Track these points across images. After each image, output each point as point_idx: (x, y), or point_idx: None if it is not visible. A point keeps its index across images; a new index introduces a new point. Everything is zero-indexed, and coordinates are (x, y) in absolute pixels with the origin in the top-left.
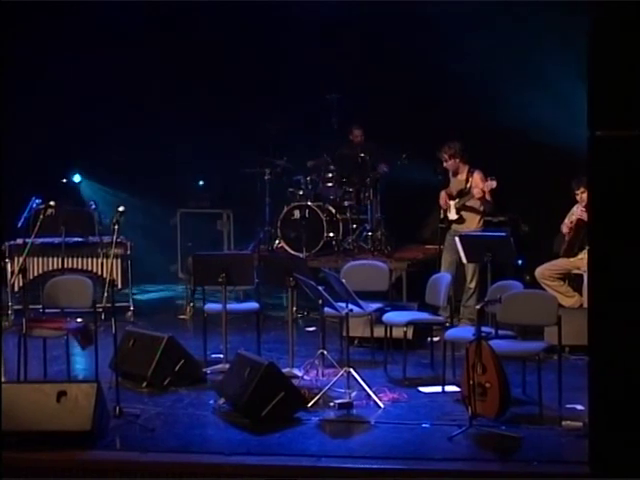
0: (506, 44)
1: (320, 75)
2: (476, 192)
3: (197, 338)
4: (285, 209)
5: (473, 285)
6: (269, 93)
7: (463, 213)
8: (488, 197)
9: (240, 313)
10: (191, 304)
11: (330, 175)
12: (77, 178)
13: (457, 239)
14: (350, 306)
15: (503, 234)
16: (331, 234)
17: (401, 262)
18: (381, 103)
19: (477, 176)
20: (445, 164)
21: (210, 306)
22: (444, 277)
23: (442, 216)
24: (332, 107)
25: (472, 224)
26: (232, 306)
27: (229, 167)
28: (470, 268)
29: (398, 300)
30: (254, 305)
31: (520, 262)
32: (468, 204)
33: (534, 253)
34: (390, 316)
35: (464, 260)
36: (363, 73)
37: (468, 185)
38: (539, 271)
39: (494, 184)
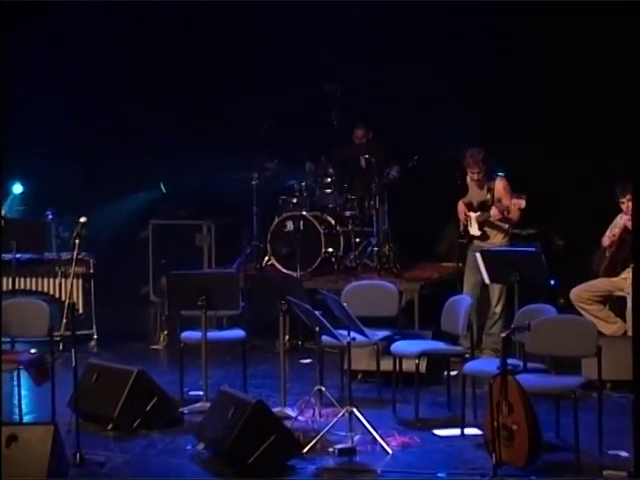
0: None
1: (317, 62)
2: (494, 213)
3: (172, 372)
4: (276, 220)
5: (499, 310)
6: (257, 84)
7: (487, 229)
8: (514, 214)
9: (223, 342)
10: (165, 332)
11: (329, 180)
12: (18, 189)
13: (478, 255)
14: (352, 334)
15: (533, 249)
16: (330, 249)
17: (413, 283)
18: (389, 95)
19: (500, 184)
20: (477, 176)
21: (188, 334)
22: (463, 300)
23: (462, 230)
24: (332, 100)
25: (497, 239)
26: (214, 334)
27: (210, 170)
28: (496, 290)
29: (409, 327)
30: (239, 333)
31: (553, 282)
32: (491, 220)
33: (569, 272)
34: (400, 346)
35: (486, 280)
36: (368, 60)
37: (489, 195)
38: (575, 293)
39: (523, 203)
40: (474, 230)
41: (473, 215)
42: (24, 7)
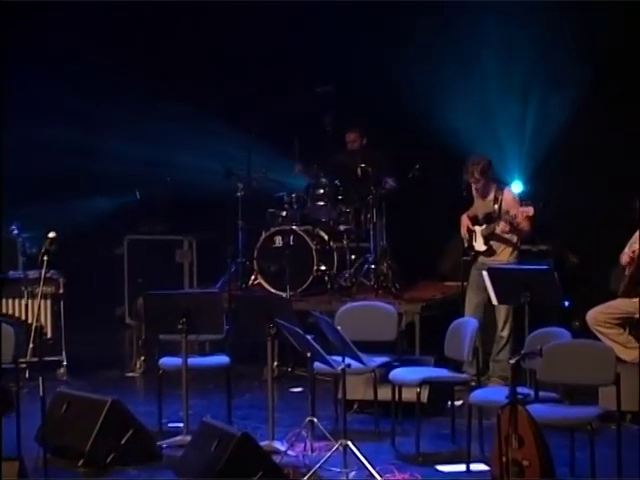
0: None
1: (310, 62)
2: (502, 226)
3: (150, 402)
4: (263, 235)
5: (506, 334)
6: (242, 85)
7: (493, 243)
8: (524, 224)
9: (205, 369)
10: (142, 358)
11: (322, 191)
12: None
13: (485, 274)
14: (347, 360)
15: (545, 267)
16: (323, 267)
17: (413, 304)
18: (388, 97)
19: (508, 195)
20: (475, 186)
21: (167, 361)
22: (469, 323)
23: (466, 245)
24: (325, 103)
25: (504, 255)
26: (195, 360)
27: (191, 180)
28: (502, 312)
29: (409, 353)
30: (223, 359)
31: (567, 303)
32: (498, 232)
33: (585, 292)
34: (399, 373)
35: (494, 301)
36: (366, 60)
37: (496, 206)
38: (592, 315)
39: (531, 211)
40: (479, 245)
41: (478, 229)
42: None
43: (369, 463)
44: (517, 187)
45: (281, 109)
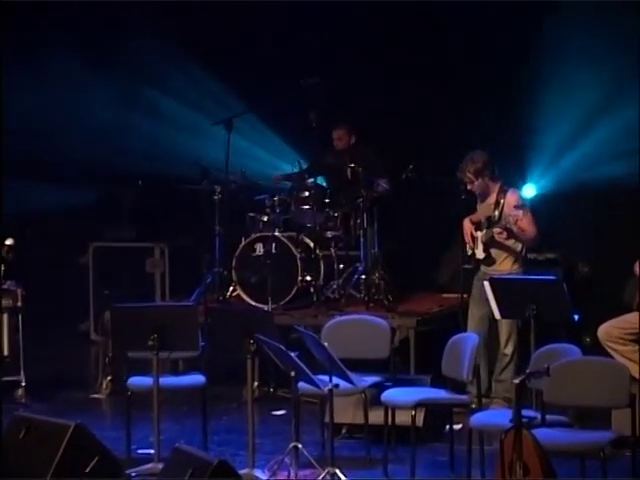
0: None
1: (293, 51)
2: (497, 230)
3: (117, 426)
4: (243, 242)
5: (509, 351)
6: (218, 76)
7: (493, 251)
8: (522, 229)
9: (179, 390)
10: (109, 378)
11: (307, 194)
12: None
13: (486, 285)
14: (335, 380)
15: (553, 278)
16: (308, 278)
17: (408, 318)
18: (379, 91)
19: (511, 198)
20: (470, 187)
21: (136, 381)
22: (469, 338)
23: (469, 253)
24: (310, 96)
25: (506, 265)
26: (167, 380)
27: (163, 181)
28: (504, 327)
29: (404, 372)
30: (198, 379)
31: (577, 317)
32: (498, 238)
33: (597, 304)
34: (392, 395)
35: (497, 315)
36: (354, 49)
37: (498, 211)
38: (604, 330)
39: (519, 215)
40: (479, 252)
41: (479, 235)
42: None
43: None
44: (529, 190)
45: (262, 104)
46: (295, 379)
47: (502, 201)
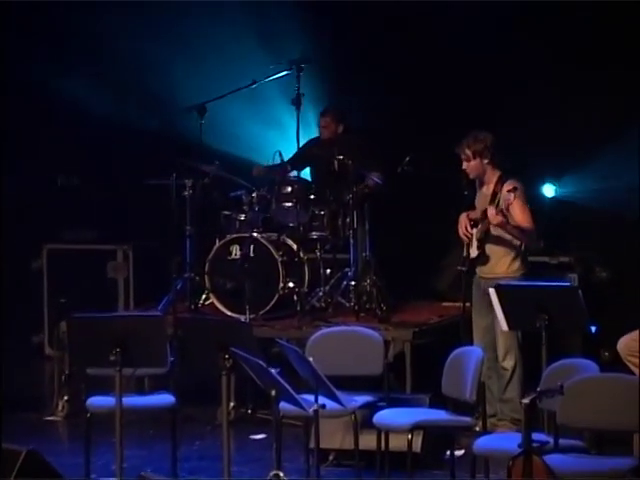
0: None
1: (272, 28)
2: (491, 214)
3: (75, 452)
4: (217, 244)
5: (510, 364)
6: (190, 57)
7: (488, 247)
8: (520, 216)
9: (145, 411)
10: (65, 398)
11: (289, 189)
12: None
13: (492, 292)
14: (321, 400)
15: (567, 284)
16: (291, 284)
17: (403, 329)
18: (371, 75)
19: (507, 186)
20: (466, 166)
21: (96, 401)
22: (473, 353)
23: (465, 253)
24: (292, 80)
25: (502, 266)
26: (132, 400)
27: (125, 175)
28: (502, 337)
29: (399, 390)
30: (167, 399)
31: (594, 329)
32: (494, 233)
33: (616, 314)
34: (386, 416)
35: (504, 326)
36: (342, 28)
37: (495, 203)
38: (624, 343)
39: (511, 198)
40: (473, 251)
41: (475, 232)
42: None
43: None
44: (549, 191)
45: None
46: (276, 399)
47: (498, 193)
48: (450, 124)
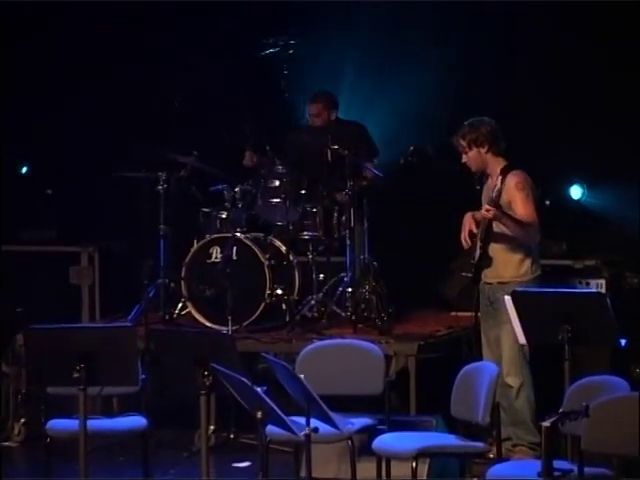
0: None
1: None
2: (484, 209)
3: None
4: (195, 246)
5: (515, 382)
6: (163, 36)
7: (491, 248)
8: (522, 209)
9: (113, 436)
10: (22, 420)
11: (277, 184)
12: None
13: (507, 300)
14: (314, 423)
15: (593, 291)
16: (279, 291)
17: (407, 342)
18: (369, 53)
19: (511, 181)
20: (465, 158)
21: (57, 424)
22: (486, 369)
23: (471, 257)
24: (279, 60)
25: (509, 269)
26: (98, 423)
27: (91, 168)
28: (507, 350)
29: (402, 412)
30: (138, 421)
31: (624, 342)
32: (497, 230)
33: None
34: (388, 441)
35: (521, 339)
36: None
37: (495, 196)
38: None
39: (515, 196)
40: (476, 254)
41: (478, 231)
42: None
43: None
44: (576, 192)
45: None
46: (262, 421)
47: (498, 185)
48: (461, 110)
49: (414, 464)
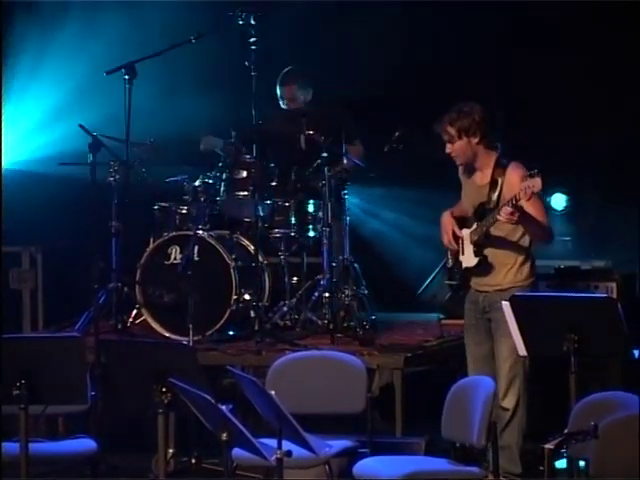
0: None
1: None
2: (504, 212)
3: None
4: (152, 245)
5: (511, 404)
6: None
7: (489, 252)
8: (537, 210)
9: (59, 460)
10: None
11: (245, 174)
12: None
13: (506, 306)
14: (286, 445)
15: (603, 295)
16: (247, 296)
17: (392, 354)
18: (349, 29)
19: (514, 175)
20: (449, 149)
21: None
22: (481, 384)
23: (451, 262)
24: (245, 35)
25: (508, 274)
26: (42, 447)
27: (31, 156)
28: (504, 367)
29: (386, 433)
30: (87, 444)
31: (636, 353)
32: (496, 232)
33: None
34: (370, 466)
35: (521, 351)
36: None
37: (496, 194)
38: None
39: (538, 184)
40: (468, 259)
41: (467, 233)
42: None
43: None
44: (558, 202)
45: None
46: (228, 444)
47: (500, 180)
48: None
49: None
